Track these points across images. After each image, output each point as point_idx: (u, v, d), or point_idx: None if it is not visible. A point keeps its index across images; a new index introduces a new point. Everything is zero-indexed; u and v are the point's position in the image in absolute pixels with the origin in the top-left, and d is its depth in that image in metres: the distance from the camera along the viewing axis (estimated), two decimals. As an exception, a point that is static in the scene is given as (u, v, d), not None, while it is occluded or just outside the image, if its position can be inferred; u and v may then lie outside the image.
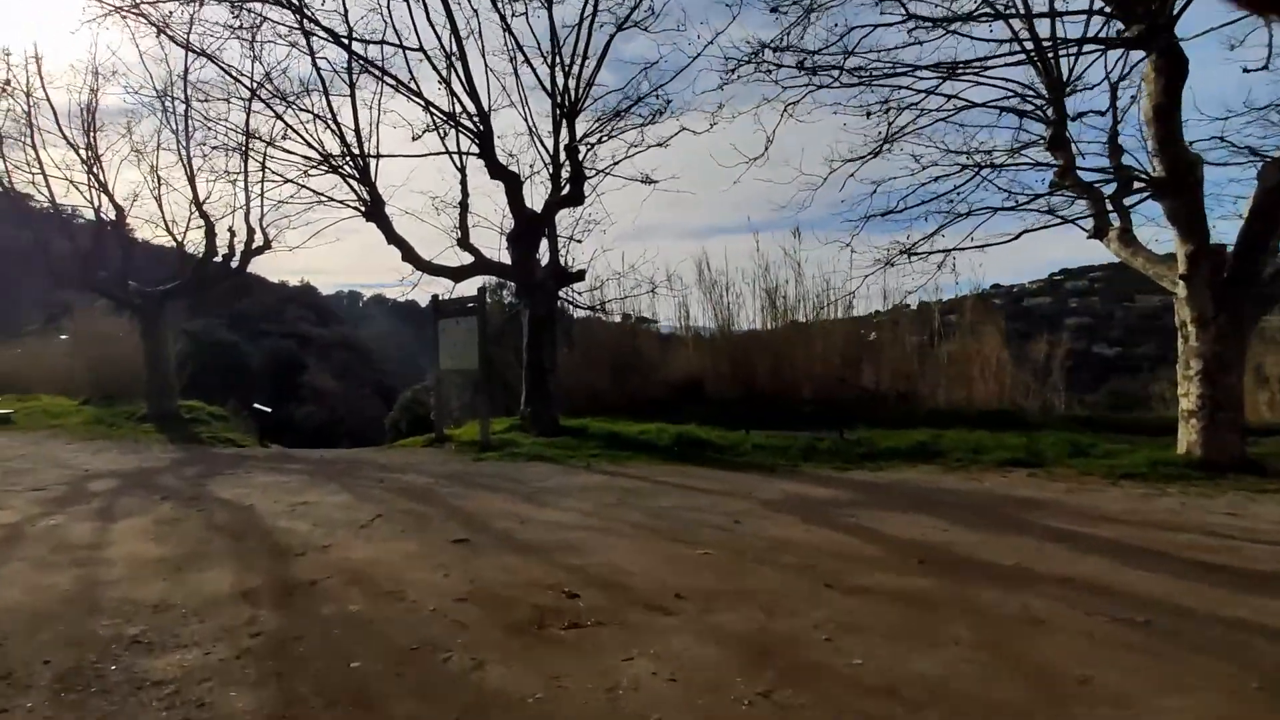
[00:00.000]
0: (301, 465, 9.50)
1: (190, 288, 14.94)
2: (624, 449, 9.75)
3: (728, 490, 7.12)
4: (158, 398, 14.49)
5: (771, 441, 9.56)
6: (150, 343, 14.48)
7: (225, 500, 7.05)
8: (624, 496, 6.85)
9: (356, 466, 9.28)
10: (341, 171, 11.32)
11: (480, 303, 10.40)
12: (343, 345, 55.48)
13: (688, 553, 4.92)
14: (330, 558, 4.95)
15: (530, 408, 11.24)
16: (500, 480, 7.90)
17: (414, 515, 6.24)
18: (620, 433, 10.73)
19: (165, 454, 10.93)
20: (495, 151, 9.53)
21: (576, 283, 11.54)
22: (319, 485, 7.79)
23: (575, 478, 8.00)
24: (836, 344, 14.05)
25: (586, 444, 10.12)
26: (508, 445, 10.39)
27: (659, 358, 15.27)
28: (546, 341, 11.19)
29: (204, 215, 13.91)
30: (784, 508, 6.29)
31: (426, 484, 7.75)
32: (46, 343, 23.28)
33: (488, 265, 11.56)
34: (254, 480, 8.21)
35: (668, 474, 8.13)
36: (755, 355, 14.58)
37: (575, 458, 9.36)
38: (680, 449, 9.72)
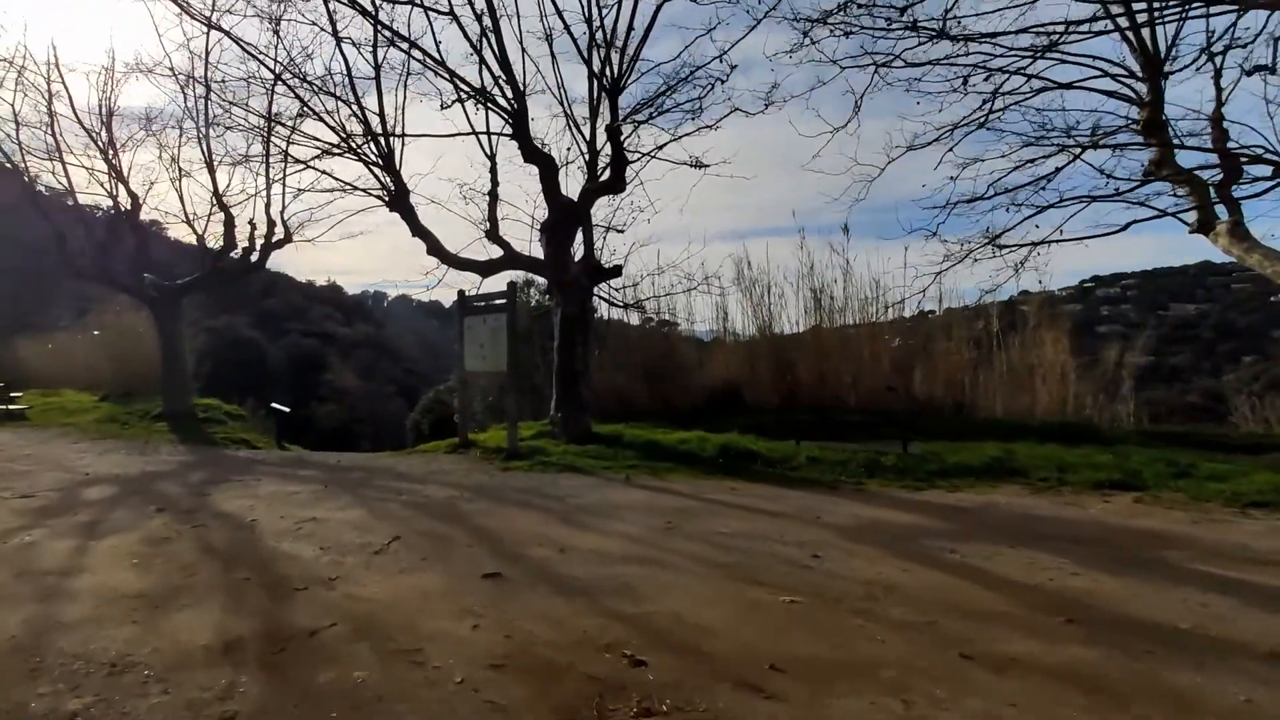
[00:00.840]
0: (315, 472, 8.69)
1: (208, 281, 14.26)
2: (663, 460, 8.83)
3: (791, 512, 6.17)
4: (173, 395, 13.82)
5: (827, 455, 8.59)
6: (166, 338, 13.81)
7: (226, 514, 6.22)
8: (675, 519, 5.93)
9: (374, 475, 8.45)
10: (364, 157, 10.53)
11: (510, 298, 9.55)
12: (367, 344, 55.22)
13: (769, 599, 3.99)
14: (336, 595, 4.07)
15: (560, 413, 10.36)
16: (532, 495, 7.01)
17: (436, 538, 5.36)
18: (658, 442, 9.81)
19: (173, 456, 10.19)
20: (530, 131, 8.65)
21: (612, 279, 10.64)
22: (331, 497, 6.95)
23: (615, 493, 7.09)
24: (886, 349, 13.05)
25: (622, 454, 9.21)
26: (537, 453, 9.51)
27: (694, 361, 14.35)
28: (579, 342, 10.31)
29: (223, 206, 13.22)
30: (864, 537, 5.33)
31: (450, 498, 6.88)
32: (75, 338, 22.91)
33: (517, 259, 10.71)
34: (261, 490, 7.39)
35: (717, 490, 7.20)
36: (798, 360, 13.62)
37: (612, 469, 8.46)
38: (726, 461, 8.79)
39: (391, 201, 10.79)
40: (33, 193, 12.98)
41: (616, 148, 8.36)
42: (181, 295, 13.88)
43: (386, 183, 10.81)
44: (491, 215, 10.77)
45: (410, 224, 10.86)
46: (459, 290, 10.63)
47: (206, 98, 12.04)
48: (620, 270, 10.55)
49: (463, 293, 10.60)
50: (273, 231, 13.88)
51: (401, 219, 10.89)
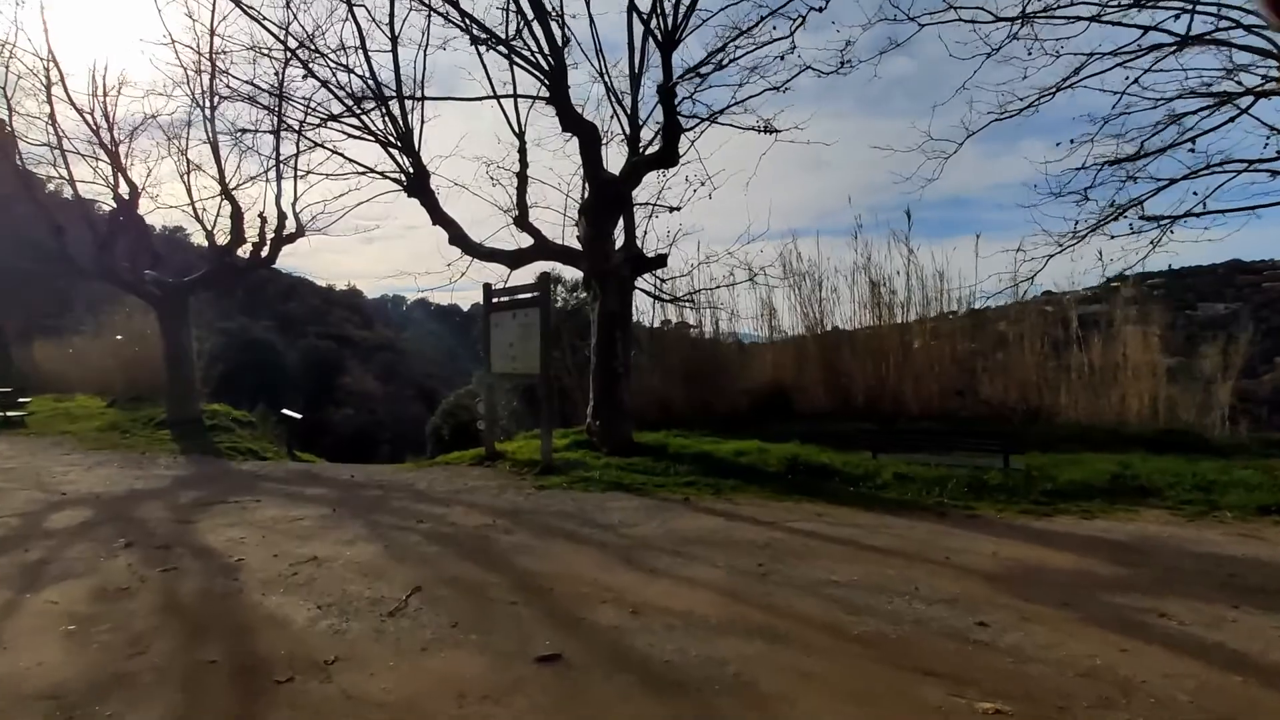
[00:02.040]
0: (324, 491, 7.48)
1: (215, 279, 13.14)
2: (723, 475, 7.54)
3: (909, 550, 4.86)
4: (178, 401, 12.71)
5: (916, 471, 7.26)
6: (171, 340, 12.71)
7: (208, 551, 5.00)
8: (765, 559, 4.63)
9: (391, 494, 7.22)
10: (377, 131, 9.33)
11: (543, 291, 8.30)
12: (386, 348, 54.42)
13: (957, 704, 2.69)
14: (331, 693, 2.82)
15: (599, 420, 9.10)
16: (579, 523, 5.74)
17: (467, 589, 4.10)
18: (712, 454, 8.51)
19: (170, 469, 9.02)
20: (569, 95, 7.37)
21: (656, 269, 9.36)
22: (339, 525, 5.71)
23: (678, 520, 5.81)
24: (953, 347, 11.68)
25: (673, 468, 7.93)
26: (574, 467, 8.25)
27: (737, 363, 13.04)
28: (619, 340, 9.04)
29: (229, 196, 12.09)
30: (1028, 590, 4.01)
31: (481, 528, 5.62)
32: (92, 342, 22.03)
33: (548, 248, 9.46)
34: (258, 514, 6.18)
35: (800, 517, 5.89)
36: (851, 360, 12.29)
37: (665, 488, 7.18)
38: (795, 477, 7.47)
39: (410, 186, 9.59)
40: (27, 180, 11.87)
41: (669, 112, 7.08)
42: (187, 294, 12.77)
43: (405, 165, 9.60)
44: (520, 200, 9.54)
45: (430, 210, 9.65)
46: (484, 284, 9.41)
47: (212, 75, 10.92)
48: (665, 260, 9.28)
49: (488, 286, 9.37)
50: (283, 225, 12.75)
51: (421, 206, 9.68)
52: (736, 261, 10.90)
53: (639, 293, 10.02)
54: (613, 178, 7.49)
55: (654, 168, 7.55)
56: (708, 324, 12.80)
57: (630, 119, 8.85)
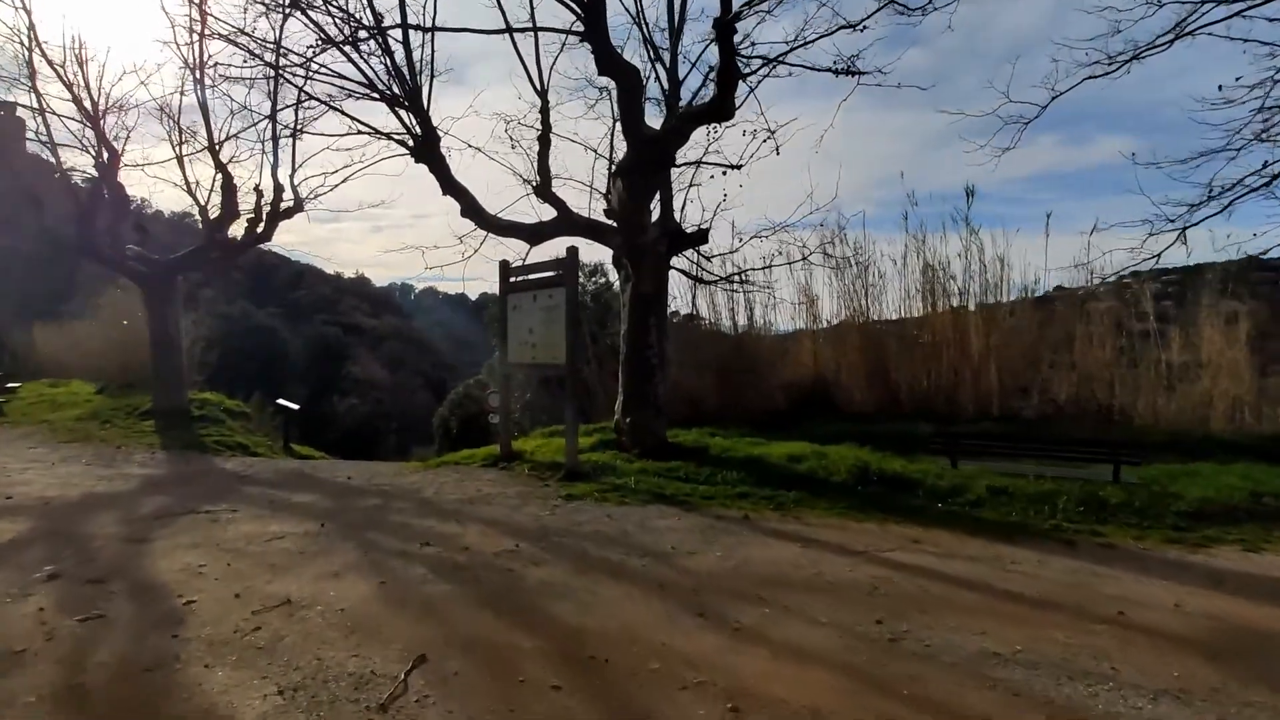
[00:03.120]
0: (314, 498, 6.33)
1: (207, 257, 11.97)
2: (780, 485, 6.35)
3: (1063, 599, 3.68)
4: (164, 389, 11.60)
5: (1012, 484, 6.06)
6: (157, 322, 11.57)
7: (153, 588, 3.85)
8: (883, 613, 3.46)
9: (392, 503, 6.06)
10: (382, 89, 8.14)
11: (570, 269, 7.12)
12: (394, 336, 53.41)
13: None
14: None
15: (630, 417, 7.93)
16: (623, 549, 4.58)
17: (489, 661, 2.94)
18: (762, 458, 7.34)
19: (143, 468, 7.89)
20: (607, 31, 6.11)
21: (697, 245, 8.16)
22: (326, 550, 4.56)
23: (746, 546, 4.63)
24: (1018, 340, 10.45)
25: (719, 475, 6.75)
26: (603, 471, 7.10)
27: (773, 355, 11.84)
28: (654, 327, 7.87)
29: (220, 166, 10.91)
30: (1253, 671, 2.84)
31: (501, 554, 4.46)
32: (89, 325, 20.99)
33: (574, 221, 8.27)
34: (229, 531, 5.03)
35: (894, 544, 4.72)
36: (900, 353, 11.08)
37: (715, 500, 6.01)
38: (868, 489, 6.29)
39: (418, 149, 8.40)
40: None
41: (727, 52, 5.80)
42: (175, 273, 11.62)
43: (412, 125, 8.41)
44: (542, 166, 8.34)
45: (440, 178, 8.46)
46: (501, 261, 8.22)
47: (202, 27, 9.71)
48: (706, 235, 8.07)
49: (506, 264, 8.19)
50: (280, 199, 11.58)
51: (430, 173, 8.49)
52: (787, 239, 9.55)
53: (673, 274, 8.80)
54: (656, 135, 6.28)
55: (704, 122, 6.33)
56: (741, 313, 11.59)
57: (670, 74, 7.64)
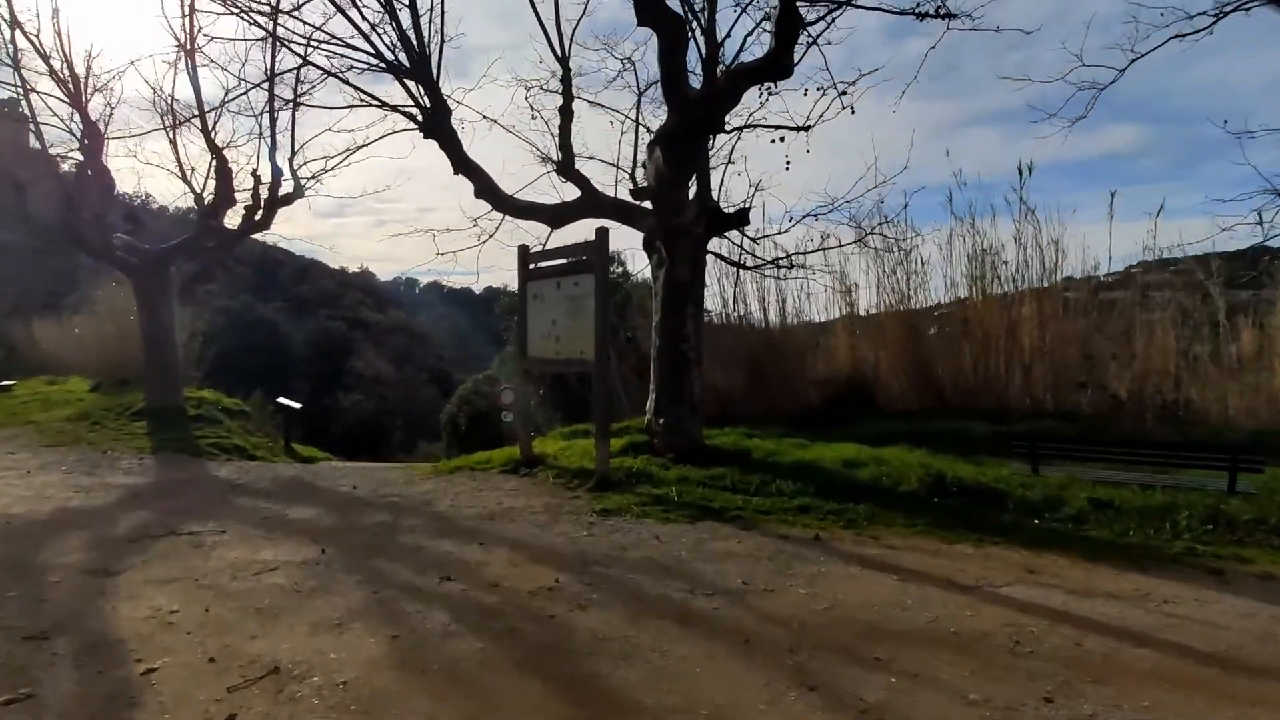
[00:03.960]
0: (315, 512, 5.53)
1: (200, 245, 11.15)
2: (844, 497, 5.53)
3: (1246, 654, 2.87)
4: (157, 387, 10.82)
5: (1115, 495, 5.23)
6: (149, 316, 10.78)
7: (106, 645, 3.04)
8: (1051, 685, 2.64)
9: (402, 521, 5.25)
10: (387, 56, 7.32)
11: (600, 252, 6.28)
12: (399, 330, 52.67)
13: None
14: None
15: (663, 418, 7.11)
16: (683, 584, 3.76)
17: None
18: (814, 464, 6.51)
19: (128, 476, 7.11)
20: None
21: (737, 227, 7.32)
22: (326, 588, 3.75)
23: (831, 580, 3.82)
24: (1075, 329, 9.60)
25: (772, 484, 5.93)
26: (638, 480, 6.29)
27: (807, 349, 11.02)
28: (691, 317, 7.05)
29: (214, 148, 10.09)
30: None
31: (538, 593, 3.65)
32: (88, 320, 20.24)
33: (600, 202, 7.45)
34: (213, 561, 4.23)
35: (1009, 575, 3.90)
36: (947, 345, 10.25)
37: (774, 515, 5.19)
38: (947, 501, 5.47)
39: (427, 123, 7.58)
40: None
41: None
42: (167, 263, 10.81)
43: (420, 97, 7.58)
44: (564, 141, 7.52)
45: (451, 155, 7.64)
46: (519, 246, 7.40)
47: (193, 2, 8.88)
48: (747, 216, 7.23)
49: (525, 249, 7.36)
50: (278, 184, 10.78)
51: (440, 149, 7.68)
52: (831, 223, 8.67)
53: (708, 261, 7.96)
54: (702, 94, 5.44)
55: (758, 80, 5.46)
56: (772, 304, 10.75)
57: (708, 35, 6.78)
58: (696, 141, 5.56)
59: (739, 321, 11.13)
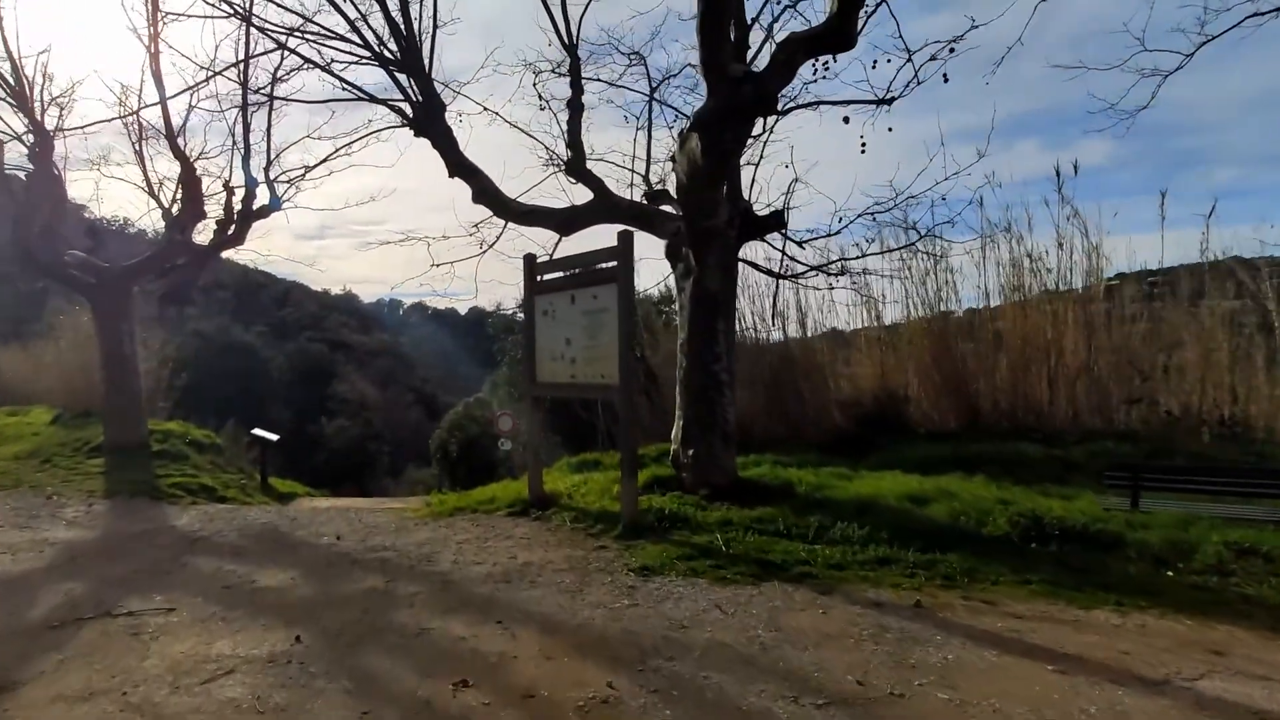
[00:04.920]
0: (288, 576, 4.51)
1: (169, 262, 10.10)
2: (922, 543, 4.59)
3: None
4: (118, 420, 9.72)
5: (1248, 538, 4.35)
6: (109, 342, 9.70)
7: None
8: None
9: (398, 587, 4.25)
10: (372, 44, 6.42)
11: (623, 258, 5.36)
12: (384, 352, 51.44)
13: None
14: None
15: (692, 448, 6.17)
16: (781, 686, 2.80)
17: None
18: (873, 501, 5.59)
19: (71, 528, 6.02)
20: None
21: (774, 231, 6.45)
22: (299, 702, 2.75)
23: (970, 673, 2.87)
24: (1125, 340, 8.79)
25: (832, 527, 5.00)
26: (673, 523, 5.33)
27: (831, 366, 10.13)
28: (723, 334, 6.14)
29: (178, 152, 9.08)
30: None
31: (592, 708, 2.68)
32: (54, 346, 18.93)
33: (615, 205, 6.57)
34: (151, 660, 3.21)
35: (1186, 657, 2.99)
36: (975, 360, 9.41)
37: (849, 570, 4.26)
38: (1048, 548, 4.56)
39: (418, 119, 6.66)
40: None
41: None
42: (129, 283, 9.74)
43: (412, 91, 6.67)
44: (574, 138, 6.65)
45: (446, 155, 6.73)
46: (525, 256, 6.46)
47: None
48: (783, 218, 6.36)
49: (532, 258, 6.42)
50: (253, 195, 9.80)
51: (434, 148, 6.76)
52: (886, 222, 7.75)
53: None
54: (748, 73, 4.56)
55: (814, 52, 4.60)
56: (792, 317, 9.87)
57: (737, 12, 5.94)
58: (743, 126, 4.70)
59: (754, 337, 10.24)
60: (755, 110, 4.61)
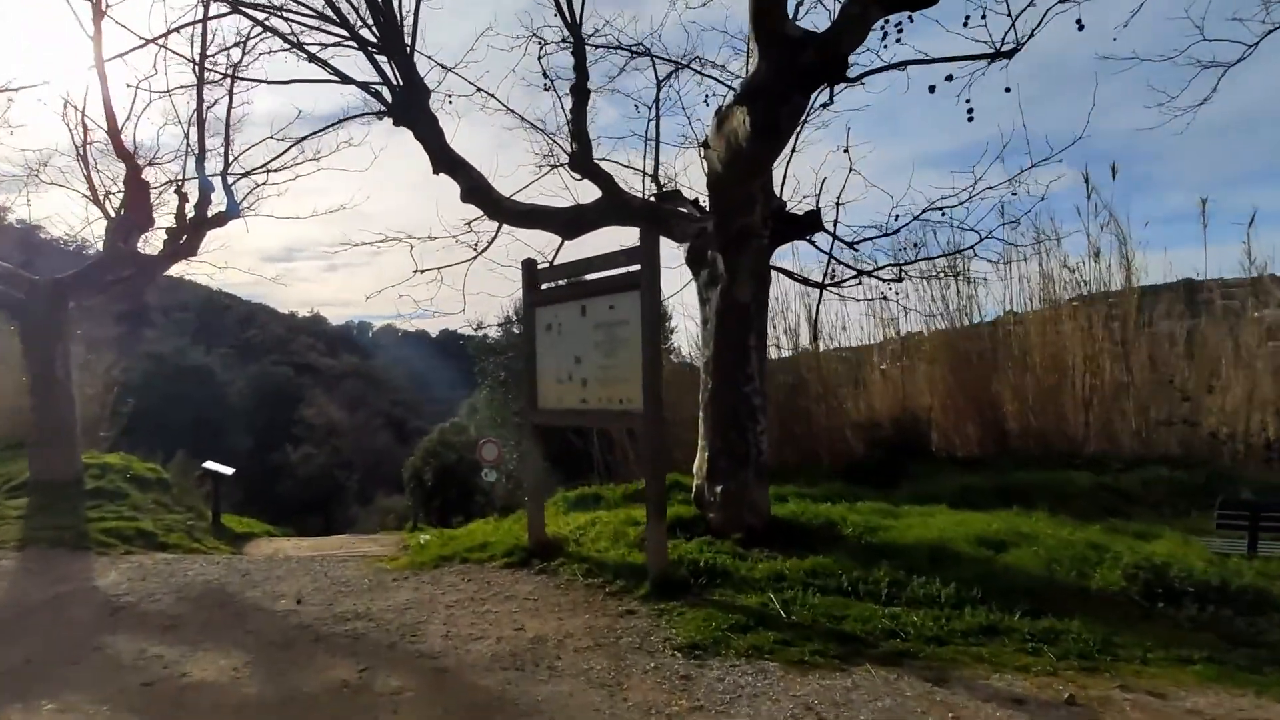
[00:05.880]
0: (231, 665, 3.45)
1: (112, 275, 8.93)
2: (1023, 606, 3.71)
3: None
4: (47, 453, 8.48)
5: None
6: (38, 365, 8.49)
7: None
8: None
9: (377, 678, 3.22)
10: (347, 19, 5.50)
11: (649, 260, 4.46)
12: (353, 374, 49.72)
13: None
14: None
15: (721, 485, 5.24)
16: None
17: None
18: (941, 547, 4.69)
19: (-38, 594, 4.86)
20: None
21: (811, 234, 5.60)
22: None
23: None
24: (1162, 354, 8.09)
25: (906, 583, 4.09)
26: (711, 578, 4.38)
27: (845, 386, 9.29)
28: (755, 350, 5.25)
29: (124, 153, 7.99)
30: None
31: None
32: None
33: (626, 203, 5.68)
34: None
35: None
36: (999, 378, 8.65)
37: (953, 645, 3.34)
38: (1177, 607, 3.70)
39: (398, 107, 5.73)
40: None
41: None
42: (64, 297, 8.55)
43: (391, 75, 5.74)
44: (579, 128, 5.76)
45: (430, 148, 5.80)
46: (524, 261, 5.52)
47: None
48: (819, 220, 5.52)
49: (532, 264, 5.48)
50: (208, 200, 8.74)
51: (416, 139, 5.82)
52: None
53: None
54: (809, 34, 3.73)
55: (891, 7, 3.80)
56: (804, 331, 9.03)
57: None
58: (803, 97, 3.86)
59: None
60: (821, 76, 3.76)
